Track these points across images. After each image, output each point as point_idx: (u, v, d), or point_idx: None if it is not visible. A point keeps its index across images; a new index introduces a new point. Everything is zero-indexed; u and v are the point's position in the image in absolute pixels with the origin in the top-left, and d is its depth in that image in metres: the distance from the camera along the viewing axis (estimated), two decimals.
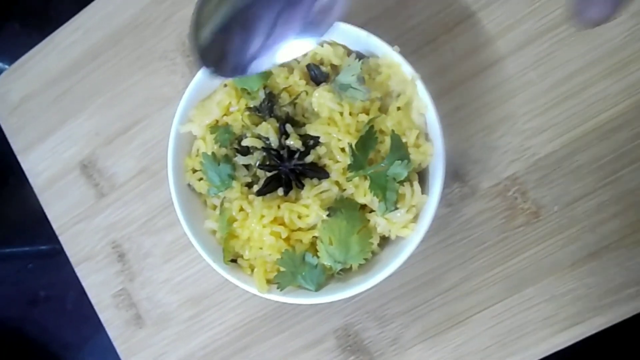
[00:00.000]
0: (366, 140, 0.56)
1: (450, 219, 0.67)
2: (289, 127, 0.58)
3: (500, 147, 0.66)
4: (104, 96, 0.77)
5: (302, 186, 0.57)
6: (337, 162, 0.57)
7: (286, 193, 0.58)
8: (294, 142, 0.57)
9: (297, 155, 0.57)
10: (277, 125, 0.58)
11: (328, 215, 0.57)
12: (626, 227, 0.64)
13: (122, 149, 0.77)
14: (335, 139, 0.57)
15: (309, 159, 0.57)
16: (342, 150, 0.57)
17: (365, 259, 0.58)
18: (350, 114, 0.57)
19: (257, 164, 0.59)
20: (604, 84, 0.64)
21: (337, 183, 0.58)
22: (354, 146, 0.55)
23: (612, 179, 0.64)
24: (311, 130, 0.57)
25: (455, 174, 0.67)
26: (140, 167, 0.76)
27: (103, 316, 0.78)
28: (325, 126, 0.57)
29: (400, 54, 0.57)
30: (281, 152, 0.58)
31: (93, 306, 0.78)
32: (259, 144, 0.58)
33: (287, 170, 0.57)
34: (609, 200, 0.64)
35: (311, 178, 0.58)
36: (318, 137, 0.57)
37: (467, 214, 0.67)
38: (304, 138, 0.58)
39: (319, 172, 0.57)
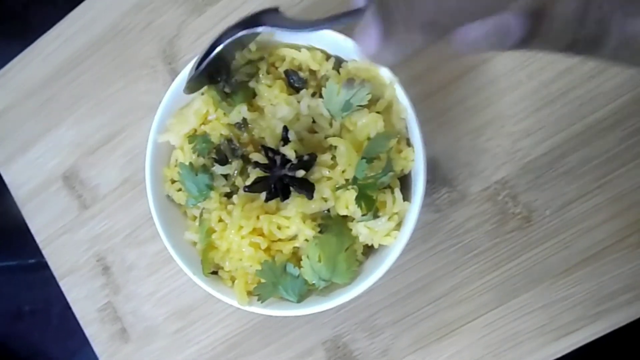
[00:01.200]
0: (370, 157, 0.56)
1: (439, 225, 0.67)
2: (291, 133, 0.58)
3: (489, 149, 0.66)
4: (86, 105, 0.78)
5: (284, 198, 0.57)
6: (330, 178, 0.58)
7: (267, 200, 0.58)
8: (289, 151, 0.57)
9: (288, 166, 0.57)
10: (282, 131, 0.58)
11: (320, 232, 0.58)
12: (621, 230, 0.64)
13: (105, 160, 0.78)
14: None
15: (300, 173, 0.57)
16: (342, 172, 0.57)
17: (351, 278, 0.59)
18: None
19: (235, 174, 0.59)
20: (595, 82, 0.64)
21: (323, 199, 0.58)
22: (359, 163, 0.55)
23: (605, 181, 0.64)
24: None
25: (443, 179, 0.67)
26: (123, 177, 0.77)
27: (88, 331, 0.78)
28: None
29: None
30: (275, 157, 0.58)
31: (78, 320, 0.79)
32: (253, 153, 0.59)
33: (276, 177, 0.58)
34: (603, 202, 0.64)
35: (297, 192, 0.58)
36: (315, 156, 0.57)
37: (457, 219, 0.67)
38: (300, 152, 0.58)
39: (307, 189, 0.57)
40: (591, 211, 0.64)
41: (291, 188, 0.57)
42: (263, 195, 0.58)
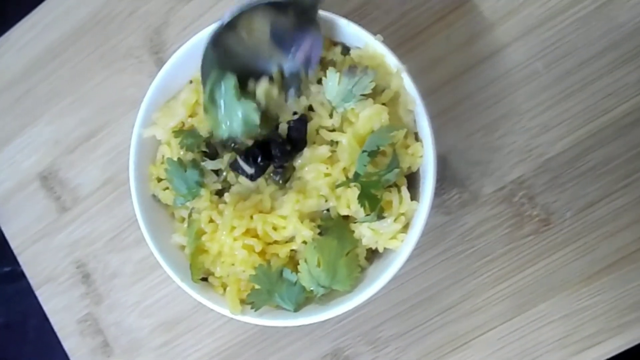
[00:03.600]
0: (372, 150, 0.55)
1: (450, 229, 0.67)
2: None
3: (503, 147, 0.66)
4: (65, 100, 0.78)
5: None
6: (328, 174, 0.57)
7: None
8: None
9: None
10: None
11: (319, 234, 0.57)
12: None
13: (86, 158, 0.77)
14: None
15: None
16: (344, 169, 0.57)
17: (351, 285, 0.58)
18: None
19: (227, 167, 0.59)
20: (619, 73, 0.64)
21: (322, 197, 0.57)
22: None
23: (630, 180, 0.63)
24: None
25: (453, 179, 0.67)
26: (105, 177, 0.76)
27: (67, 344, 0.78)
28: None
29: (384, 43, 0.57)
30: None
31: (56, 333, 0.78)
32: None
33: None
34: (628, 204, 0.63)
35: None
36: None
37: (469, 222, 0.66)
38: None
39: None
40: (615, 213, 0.64)
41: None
42: (255, 195, 0.57)
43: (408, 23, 0.68)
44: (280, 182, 0.58)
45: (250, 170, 0.58)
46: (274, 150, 0.57)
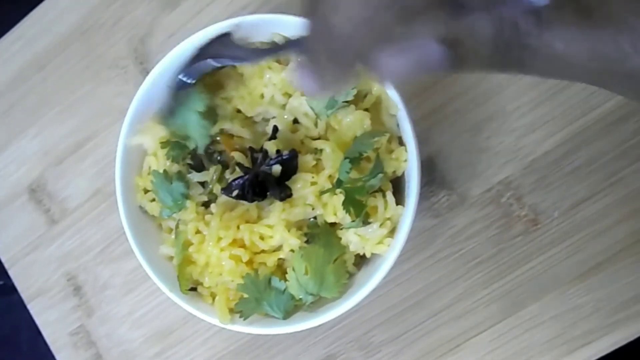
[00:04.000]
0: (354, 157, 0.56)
1: (439, 232, 0.67)
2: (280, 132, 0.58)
3: (490, 148, 0.66)
4: (52, 110, 0.78)
5: (254, 195, 0.57)
6: (314, 183, 0.58)
7: (238, 197, 0.58)
8: (270, 147, 0.57)
9: (267, 161, 0.57)
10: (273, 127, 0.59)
11: (306, 242, 0.58)
12: (636, 231, 0.64)
13: (74, 169, 0.78)
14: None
15: (276, 169, 0.57)
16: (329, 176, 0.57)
17: (339, 292, 0.59)
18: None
19: (213, 179, 0.59)
20: None
21: (308, 205, 0.58)
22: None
23: (618, 178, 0.64)
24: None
25: (441, 181, 0.67)
26: (94, 188, 0.77)
27: (60, 357, 0.78)
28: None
29: None
30: (256, 155, 0.58)
31: (49, 346, 0.78)
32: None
33: (252, 174, 0.57)
34: (615, 202, 0.64)
35: (270, 193, 0.58)
36: (295, 152, 0.57)
37: (457, 225, 0.67)
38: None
39: (279, 189, 0.57)
40: (603, 212, 0.64)
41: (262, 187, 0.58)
42: (241, 206, 0.58)
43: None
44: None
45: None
46: (270, 190, 0.57)
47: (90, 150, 0.77)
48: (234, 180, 0.58)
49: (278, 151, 0.58)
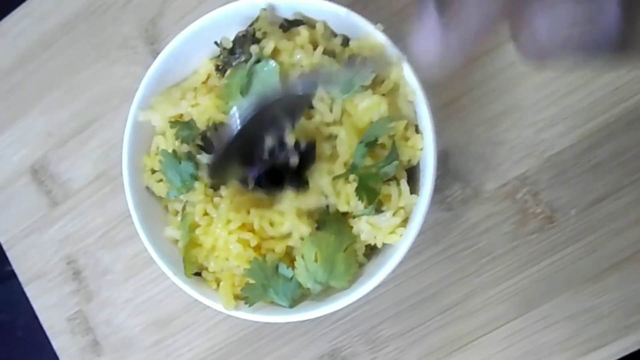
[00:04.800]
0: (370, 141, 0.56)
1: (452, 226, 0.67)
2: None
3: (506, 141, 0.66)
4: (58, 91, 0.79)
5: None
6: (330, 172, 0.58)
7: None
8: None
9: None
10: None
11: (317, 229, 0.58)
12: None
13: (78, 151, 0.78)
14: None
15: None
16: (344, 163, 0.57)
17: (349, 282, 0.59)
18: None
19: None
20: (628, 66, 0.64)
21: (322, 193, 0.58)
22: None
23: (638, 177, 0.64)
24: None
25: (455, 174, 0.67)
26: (98, 171, 0.77)
27: (57, 343, 0.78)
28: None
29: (384, 33, 0.58)
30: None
31: (45, 331, 0.78)
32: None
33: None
34: (635, 201, 0.64)
35: (287, 184, 0.57)
36: (313, 143, 0.57)
37: (471, 219, 0.67)
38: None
39: (296, 181, 0.57)
40: (622, 210, 0.64)
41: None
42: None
43: (412, 13, 0.68)
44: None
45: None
46: (287, 181, 0.57)
47: (95, 132, 0.77)
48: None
49: (297, 142, 0.57)
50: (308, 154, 0.57)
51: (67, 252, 0.78)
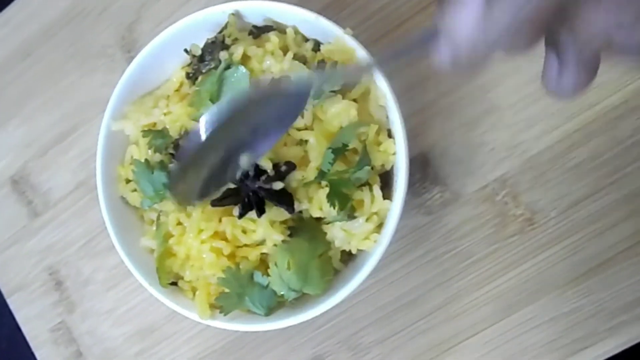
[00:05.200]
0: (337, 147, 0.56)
1: (431, 230, 0.67)
2: None
3: (485, 144, 0.66)
4: (37, 100, 0.79)
5: (261, 213, 0.57)
6: (303, 178, 0.58)
7: (241, 216, 0.58)
8: (264, 162, 0.58)
9: (264, 178, 0.57)
10: None
11: (289, 235, 0.58)
12: (637, 232, 0.63)
13: (58, 161, 0.78)
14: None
15: (277, 186, 0.57)
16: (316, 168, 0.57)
17: (323, 289, 0.59)
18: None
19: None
20: (605, 64, 0.63)
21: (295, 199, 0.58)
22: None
23: (618, 177, 0.64)
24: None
25: (434, 177, 0.67)
26: (78, 180, 0.77)
27: (40, 354, 0.79)
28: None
29: (354, 37, 0.58)
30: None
31: (28, 342, 0.79)
32: None
33: (250, 191, 0.58)
34: (616, 201, 0.64)
35: (276, 207, 0.58)
36: (293, 165, 0.57)
37: (451, 223, 0.67)
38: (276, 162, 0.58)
39: (287, 203, 0.57)
40: (603, 211, 0.64)
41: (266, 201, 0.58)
42: (236, 210, 0.58)
43: (387, 15, 0.69)
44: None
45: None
46: (278, 204, 0.57)
47: (75, 142, 0.78)
48: (227, 195, 0.58)
49: (276, 164, 0.58)
50: (287, 174, 0.58)
51: (48, 263, 0.78)
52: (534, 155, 0.65)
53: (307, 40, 0.62)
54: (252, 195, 0.57)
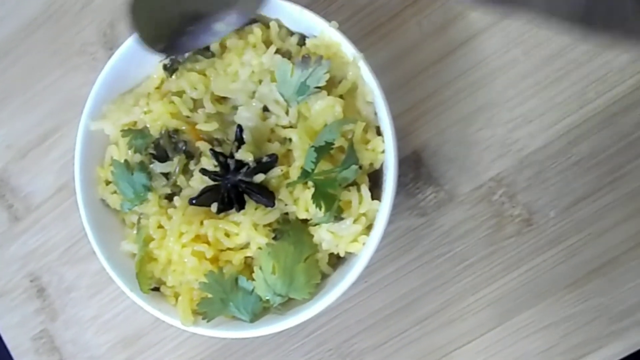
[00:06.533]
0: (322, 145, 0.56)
1: (426, 232, 0.67)
2: (247, 133, 0.58)
3: (480, 141, 0.66)
4: (16, 101, 0.79)
5: (240, 208, 0.58)
6: (287, 177, 0.58)
7: (220, 211, 0.58)
8: (245, 154, 0.58)
9: (244, 170, 0.57)
10: (236, 129, 0.59)
11: (274, 238, 0.58)
12: (639, 232, 0.63)
13: (39, 163, 0.78)
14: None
15: (258, 178, 0.58)
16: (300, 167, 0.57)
17: (310, 293, 0.59)
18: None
19: (176, 171, 0.60)
20: (605, 58, 0.64)
21: (280, 201, 0.59)
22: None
23: (619, 175, 0.64)
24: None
25: (428, 177, 0.67)
26: (60, 183, 0.78)
27: None
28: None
29: (340, 31, 0.58)
30: (229, 160, 0.58)
31: (10, 352, 0.79)
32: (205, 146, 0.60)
33: (229, 185, 0.58)
34: (617, 200, 0.64)
35: (255, 201, 0.58)
36: (275, 157, 0.58)
37: (445, 224, 0.67)
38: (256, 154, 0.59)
39: (267, 197, 0.57)
40: (603, 211, 0.64)
41: (246, 197, 0.58)
42: (214, 206, 0.58)
43: (377, 9, 0.69)
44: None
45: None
46: (254, 199, 0.58)
47: (56, 143, 0.78)
48: (206, 191, 0.58)
49: (259, 159, 0.58)
50: (270, 167, 0.58)
51: (30, 269, 0.78)
52: (532, 152, 0.65)
53: (292, 34, 0.62)
54: (231, 188, 0.57)
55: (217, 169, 0.58)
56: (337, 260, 0.62)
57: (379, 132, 0.59)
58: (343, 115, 0.57)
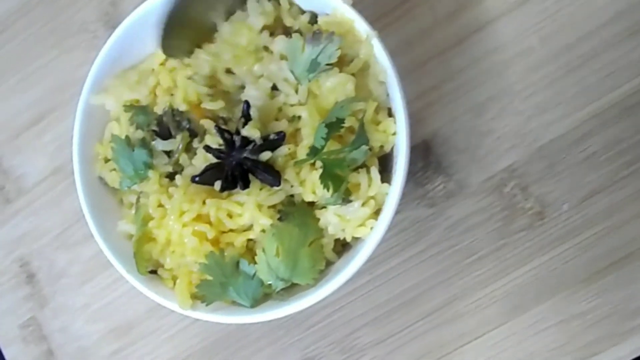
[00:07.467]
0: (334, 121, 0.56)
1: (434, 223, 0.67)
2: (254, 109, 0.58)
3: (492, 131, 0.66)
4: (11, 80, 0.79)
5: (245, 186, 0.57)
6: (293, 157, 0.58)
7: (223, 189, 0.58)
8: (251, 131, 0.57)
9: (250, 147, 0.57)
10: (243, 105, 0.58)
11: (279, 219, 0.58)
12: None
13: (32, 145, 0.78)
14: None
15: (265, 156, 0.57)
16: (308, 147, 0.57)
17: (314, 279, 0.58)
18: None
19: (179, 149, 0.59)
20: (623, 48, 0.64)
21: (286, 181, 0.58)
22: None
23: (635, 168, 0.64)
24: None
25: (437, 166, 0.67)
26: (54, 166, 0.77)
27: (8, 352, 0.78)
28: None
29: (354, 8, 0.58)
30: (234, 137, 0.58)
31: None
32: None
33: (234, 162, 0.57)
34: (632, 194, 0.64)
35: (261, 180, 0.58)
36: (283, 134, 0.57)
37: (454, 216, 0.67)
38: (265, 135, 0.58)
39: (272, 175, 0.57)
40: (618, 205, 0.64)
41: (251, 175, 0.57)
42: (217, 184, 0.58)
43: None
44: None
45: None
46: (260, 178, 0.57)
47: (51, 124, 0.78)
48: (209, 168, 0.58)
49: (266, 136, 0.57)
50: (277, 145, 0.57)
51: (20, 254, 0.78)
52: (545, 144, 0.65)
53: (303, 12, 0.62)
54: (235, 166, 0.57)
55: (222, 147, 0.58)
56: (342, 248, 0.61)
57: (390, 114, 0.59)
58: (355, 95, 0.56)
